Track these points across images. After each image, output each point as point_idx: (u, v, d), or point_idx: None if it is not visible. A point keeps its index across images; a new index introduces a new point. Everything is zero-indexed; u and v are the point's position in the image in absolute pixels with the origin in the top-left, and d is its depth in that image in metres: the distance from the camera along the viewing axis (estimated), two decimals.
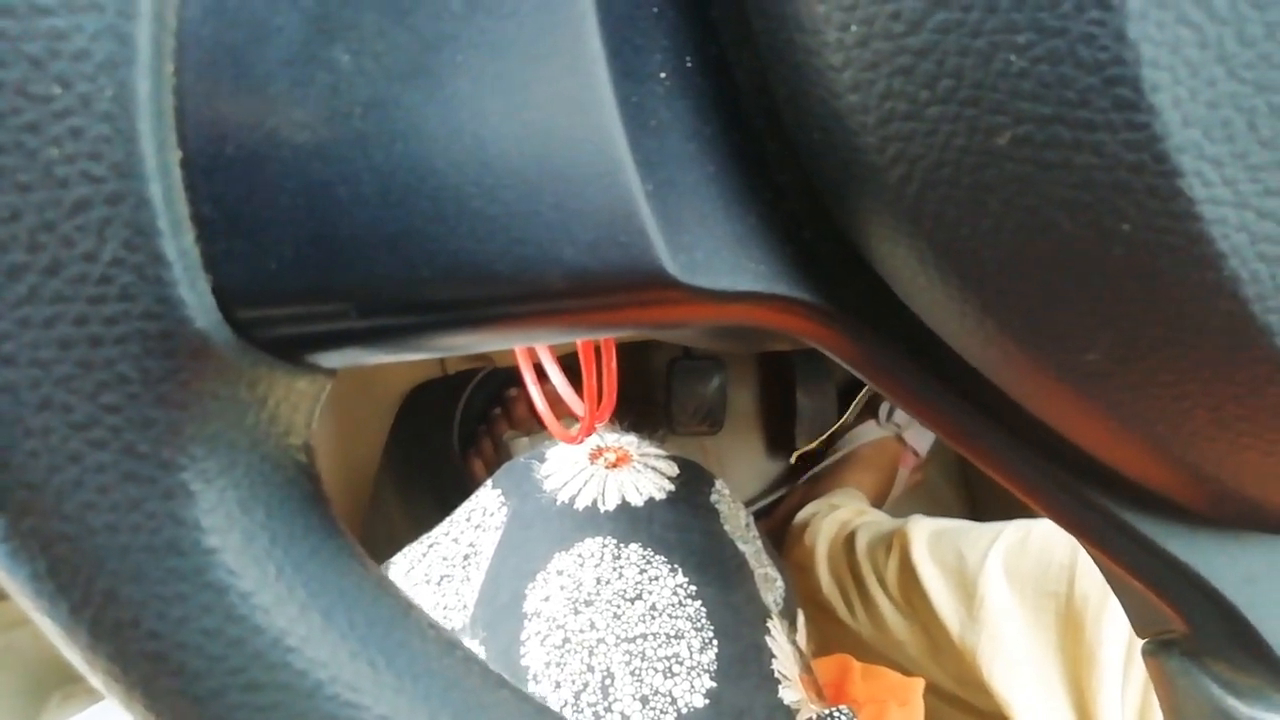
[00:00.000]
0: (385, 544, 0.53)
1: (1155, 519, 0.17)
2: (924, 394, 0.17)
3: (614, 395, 0.38)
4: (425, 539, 0.51)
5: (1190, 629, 0.18)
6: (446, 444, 0.97)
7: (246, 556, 0.14)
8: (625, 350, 0.99)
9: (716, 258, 0.15)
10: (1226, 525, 0.17)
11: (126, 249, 0.13)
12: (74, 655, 0.15)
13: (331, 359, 0.15)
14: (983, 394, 0.16)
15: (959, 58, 0.12)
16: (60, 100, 0.12)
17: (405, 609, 0.16)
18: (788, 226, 0.15)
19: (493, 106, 0.13)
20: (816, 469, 1.04)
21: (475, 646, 0.43)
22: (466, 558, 0.48)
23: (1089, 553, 0.18)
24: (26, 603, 0.14)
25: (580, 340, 0.37)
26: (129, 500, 0.14)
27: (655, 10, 0.14)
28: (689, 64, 0.15)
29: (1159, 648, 0.19)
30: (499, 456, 0.92)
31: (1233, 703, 0.17)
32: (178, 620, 0.14)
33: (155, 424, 0.14)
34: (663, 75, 0.14)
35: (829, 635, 0.80)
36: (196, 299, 0.13)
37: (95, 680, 0.15)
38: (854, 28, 0.12)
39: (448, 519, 0.51)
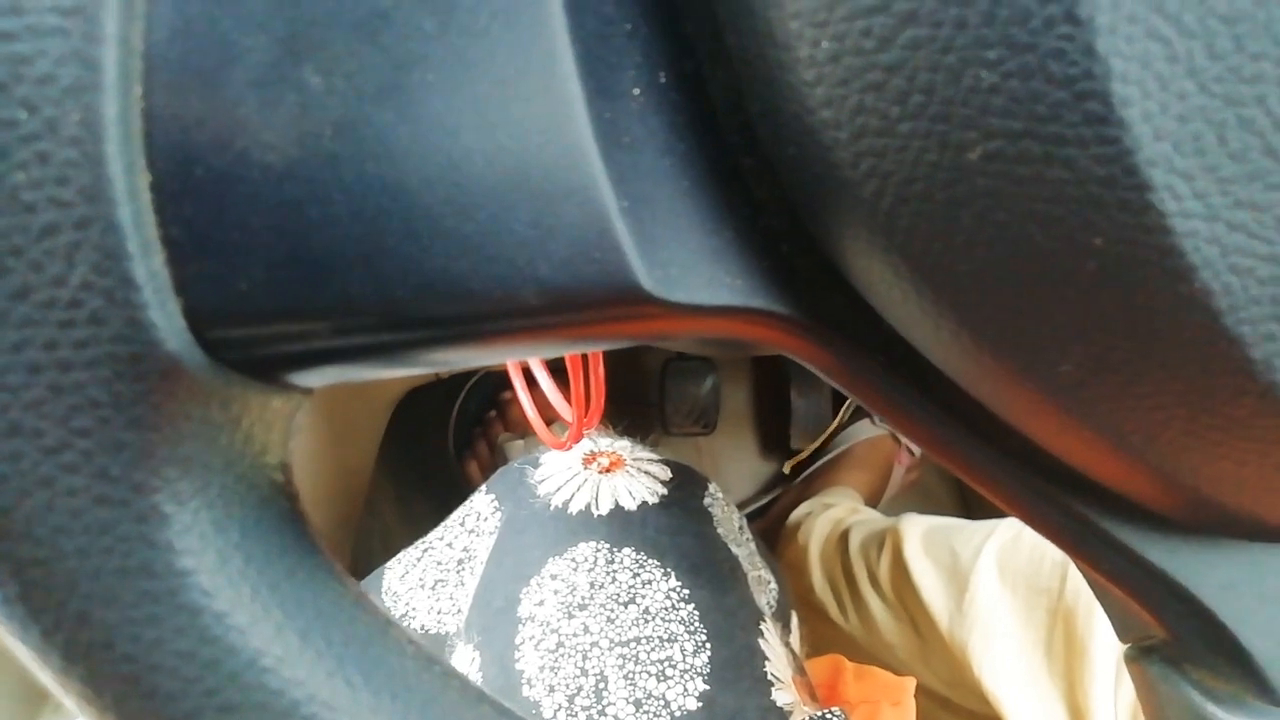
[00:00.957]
0: (381, 548, 0.54)
1: (1134, 527, 0.17)
2: (903, 405, 0.17)
3: (602, 401, 0.38)
4: (420, 544, 0.51)
5: (1170, 635, 0.18)
6: (442, 448, 0.96)
7: (221, 577, 0.14)
8: (618, 352, 0.99)
9: (692, 272, 0.15)
10: (1204, 533, 0.17)
11: (96, 273, 0.13)
12: (47, 678, 0.15)
13: (307, 378, 0.15)
14: (961, 405, 0.16)
15: (930, 74, 0.12)
16: (26, 125, 0.12)
17: (383, 626, 0.16)
18: (765, 241, 0.15)
19: (465, 125, 0.13)
20: (811, 469, 1.04)
21: (470, 651, 0.43)
22: (461, 562, 0.48)
23: (1070, 558, 0.19)
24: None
25: (576, 353, 0.37)
26: (101, 524, 0.14)
27: (628, 27, 0.14)
28: (663, 80, 0.15)
29: (1140, 653, 0.19)
30: (494, 460, 0.92)
31: (1212, 709, 0.17)
32: (151, 643, 0.14)
33: (127, 447, 0.14)
34: (636, 91, 0.14)
35: (822, 636, 0.79)
36: (167, 321, 0.13)
37: (69, 702, 0.15)
38: (825, 44, 0.13)
39: (442, 524, 0.51)
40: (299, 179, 0.13)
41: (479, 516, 0.48)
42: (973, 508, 1.07)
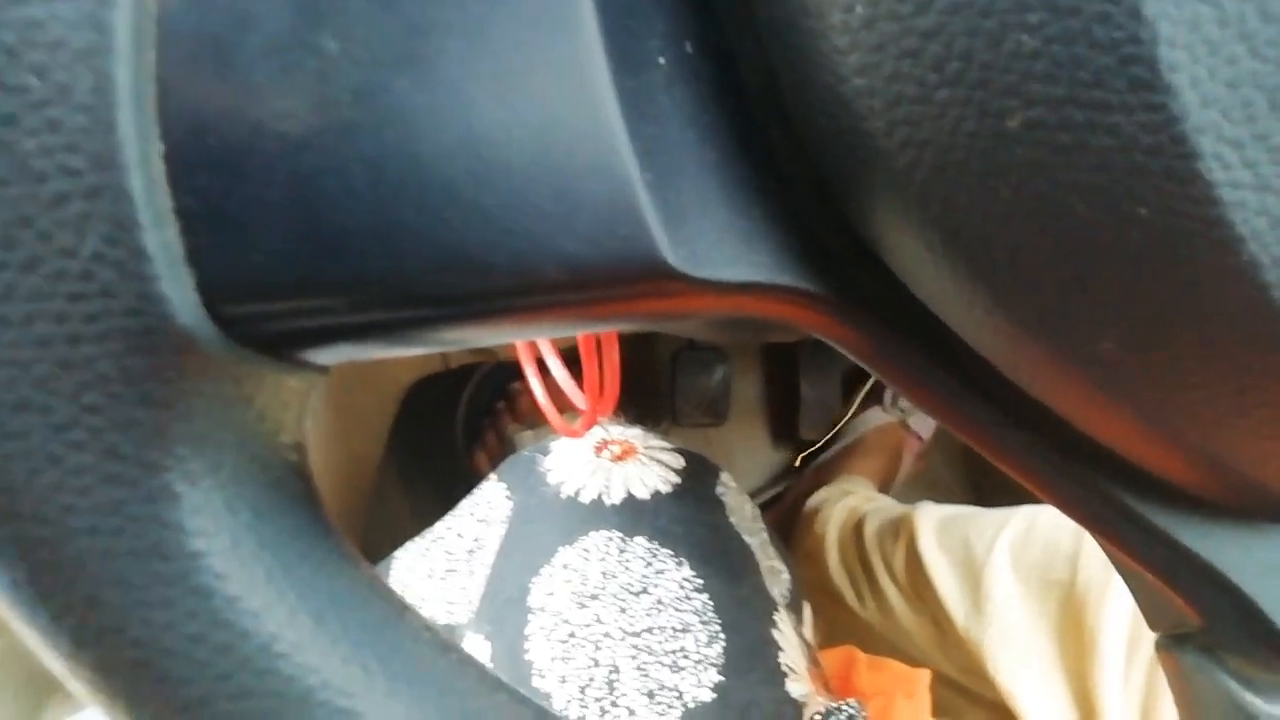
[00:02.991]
0: (389, 539, 0.53)
1: (1168, 510, 0.16)
2: (933, 386, 0.17)
3: (616, 388, 0.38)
4: (429, 533, 0.51)
5: (1205, 623, 0.17)
6: (451, 438, 0.96)
7: (233, 559, 0.14)
8: (628, 342, 0.98)
9: (719, 249, 0.14)
10: (1242, 516, 0.16)
11: (106, 244, 0.12)
12: (55, 663, 0.14)
13: (322, 355, 0.15)
14: (993, 385, 0.16)
15: (968, 39, 0.12)
16: (36, 91, 0.12)
17: (399, 611, 0.16)
18: (794, 216, 0.15)
19: (485, 94, 0.13)
20: (822, 457, 1.04)
21: (480, 641, 0.43)
22: (471, 552, 0.47)
23: (1100, 544, 0.18)
24: (6, 610, 0.14)
25: (580, 333, 0.37)
26: (111, 503, 0.13)
27: None
28: (689, 50, 0.14)
29: (1173, 642, 0.19)
30: (503, 450, 0.91)
31: (1250, 698, 0.17)
32: (162, 626, 0.14)
33: (138, 424, 0.13)
34: (661, 61, 0.14)
35: (839, 624, 0.79)
36: (180, 294, 0.13)
37: (77, 688, 0.15)
38: (859, 9, 0.12)
39: (451, 513, 0.51)
40: (315, 149, 0.13)
41: (489, 505, 0.48)
42: (984, 494, 1.06)
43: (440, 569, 0.48)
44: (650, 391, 1.01)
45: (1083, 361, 0.13)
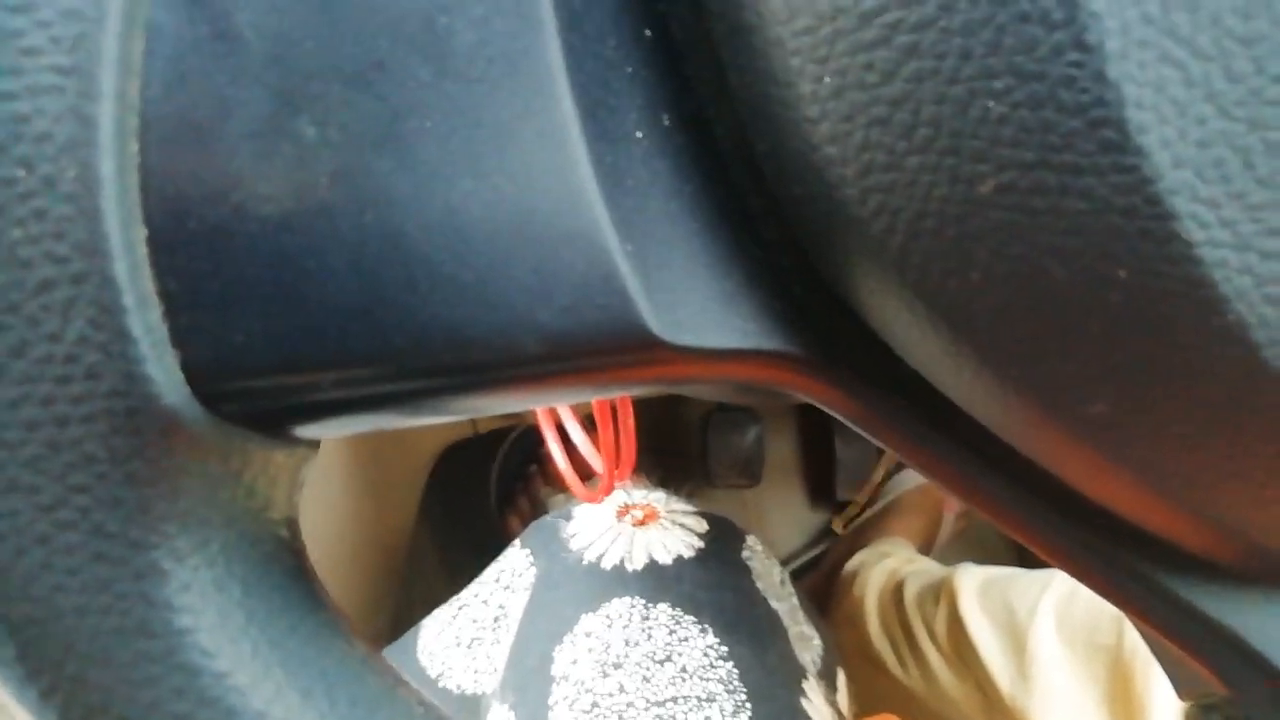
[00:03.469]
0: (423, 606, 0.53)
1: (1185, 577, 0.16)
2: (928, 450, 0.16)
3: (633, 452, 0.38)
4: (455, 601, 0.50)
5: (1231, 692, 0.17)
6: (484, 503, 0.96)
7: (221, 636, 0.14)
8: (659, 404, 0.98)
9: (702, 315, 0.14)
10: (1260, 582, 0.16)
11: (92, 327, 0.13)
12: None
13: (310, 430, 0.15)
14: (991, 449, 0.15)
15: (935, 106, 0.12)
16: (23, 183, 0.12)
17: (391, 687, 0.16)
18: (776, 281, 0.15)
19: (463, 172, 0.13)
20: (860, 518, 1.02)
21: (505, 711, 0.42)
22: (496, 620, 0.47)
23: (1123, 612, 0.18)
24: None
25: (588, 400, 0.37)
26: (98, 581, 0.13)
27: (629, 70, 0.14)
28: (666, 122, 0.15)
29: (1201, 712, 0.18)
30: (535, 514, 0.91)
31: None
32: (148, 705, 0.14)
33: (124, 503, 0.13)
34: (639, 134, 0.14)
35: (881, 691, 0.77)
36: (164, 375, 0.13)
37: None
38: (828, 79, 0.12)
39: (477, 580, 0.50)
40: (295, 230, 0.13)
41: (514, 572, 0.48)
42: (1027, 554, 1.03)
43: (466, 637, 0.47)
44: (683, 453, 1.00)
45: (1075, 424, 0.13)
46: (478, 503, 0.95)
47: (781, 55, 0.13)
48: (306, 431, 0.15)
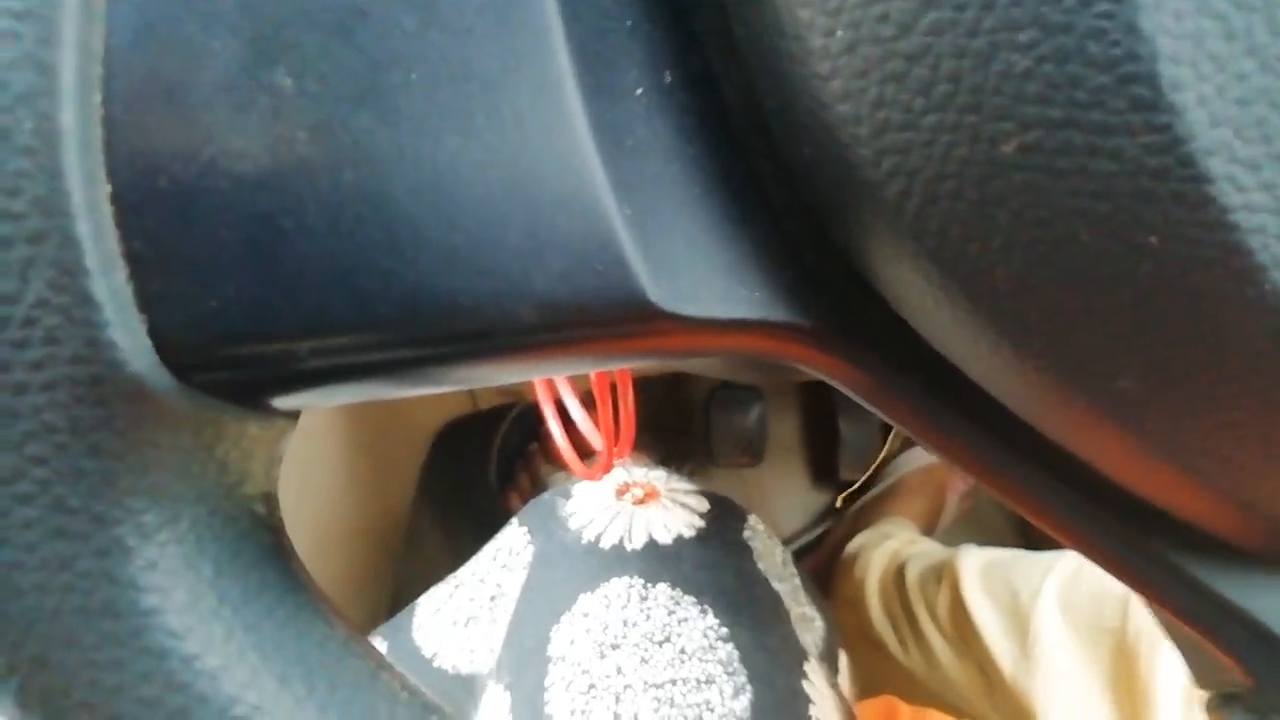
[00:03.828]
0: (422, 584, 0.52)
1: (1208, 561, 0.15)
2: (943, 428, 0.16)
3: (632, 430, 0.37)
4: (451, 579, 0.50)
5: (1254, 682, 0.16)
6: (484, 481, 0.96)
7: (191, 617, 0.13)
8: (661, 382, 0.98)
9: (706, 284, 0.14)
10: None
11: (52, 289, 0.12)
12: None
13: (287, 402, 0.15)
14: (1009, 427, 0.15)
15: (955, 60, 0.11)
16: None
17: (373, 670, 0.15)
18: (786, 249, 0.15)
19: (451, 128, 0.13)
20: (863, 499, 1.02)
21: (500, 691, 0.42)
22: (493, 599, 0.46)
23: (1136, 594, 0.17)
24: None
25: (593, 373, 0.37)
26: (59, 559, 0.13)
27: (629, 23, 0.14)
28: (668, 79, 0.14)
29: (1222, 702, 0.18)
30: (536, 492, 0.90)
31: None
32: (113, 689, 0.13)
33: (87, 476, 0.13)
34: (639, 92, 0.14)
35: (882, 672, 0.77)
36: (130, 341, 0.12)
37: None
38: (840, 32, 0.12)
39: (474, 558, 0.50)
40: (271, 188, 0.13)
41: (511, 550, 0.47)
42: (1032, 537, 1.03)
43: (462, 616, 0.47)
44: (685, 431, 1.00)
45: (1099, 400, 0.13)
46: (478, 480, 0.95)
47: (790, 7, 0.12)
48: (284, 403, 0.15)
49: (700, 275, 0.14)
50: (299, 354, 0.13)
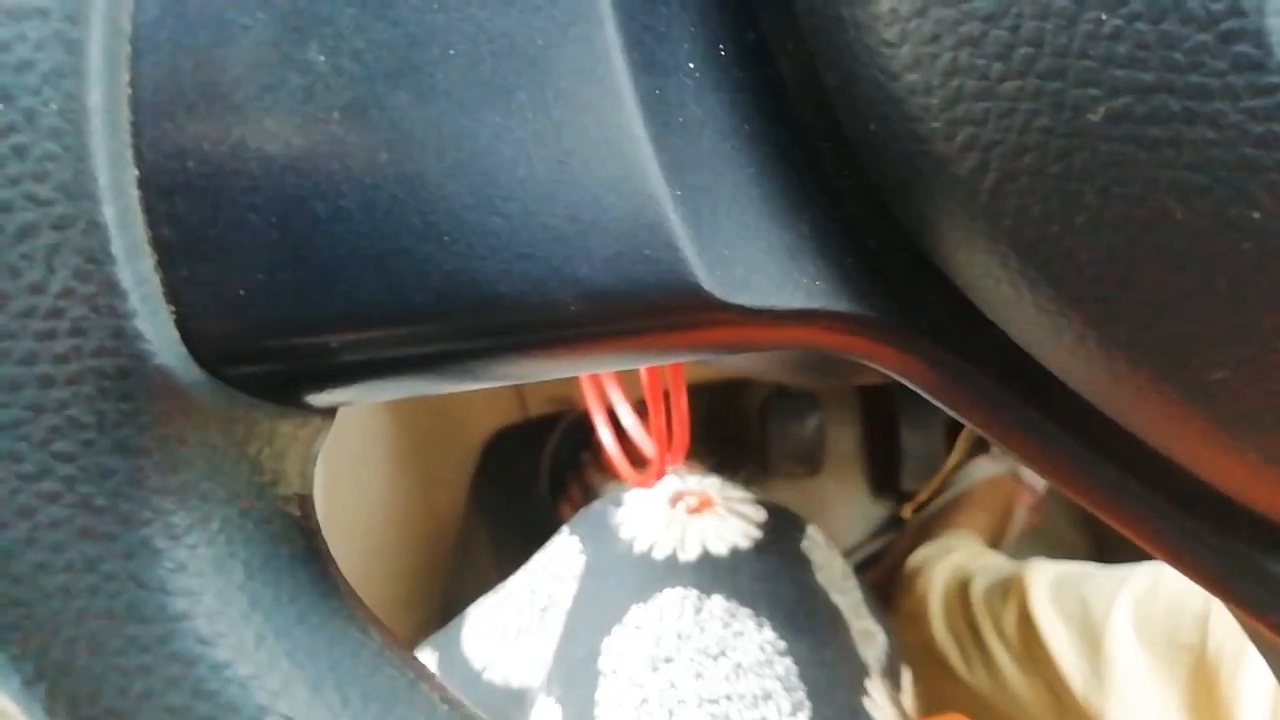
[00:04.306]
0: (473, 594, 0.52)
1: None
2: (1019, 428, 0.15)
3: (686, 435, 0.36)
4: (501, 589, 0.49)
5: None
6: (535, 491, 0.96)
7: (221, 622, 0.13)
8: (716, 389, 0.97)
9: (762, 272, 0.13)
10: None
11: (77, 278, 0.12)
12: None
13: (322, 398, 0.14)
14: (1091, 425, 0.14)
15: (1038, 21, 0.10)
16: (2, 116, 0.11)
17: (411, 681, 0.15)
18: (848, 235, 0.14)
19: (491, 106, 0.12)
20: (927, 510, 1.00)
21: (551, 705, 0.41)
22: (544, 609, 0.46)
23: (1228, 608, 0.16)
24: None
25: (644, 376, 0.36)
26: (85, 560, 0.12)
27: None
28: (723, 53, 0.13)
29: None
30: (588, 502, 0.90)
31: None
32: (140, 696, 0.13)
33: (114, 474, 0.12)
34: (691, 66, 0.13)
35: (945, 691, 0.76)
36: (157, 332, 0.12)
37: None
38: None
39: (524, 568, 0.49)
40: (303, 171, 0.12)
41: (562, 560, 0.47)
42: (1105, 550, 1.00)
43: (512, 627, 0.46)
44: (741, 441, 0.99)
45: (1191, 394, 0.12)
46: (529, 490, 0.95)
47: None
48: (319, 400, 0.14)
49: (756, 262, 0.13)
50: (332, 346, 0.13)
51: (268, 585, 0.14)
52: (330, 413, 0.15)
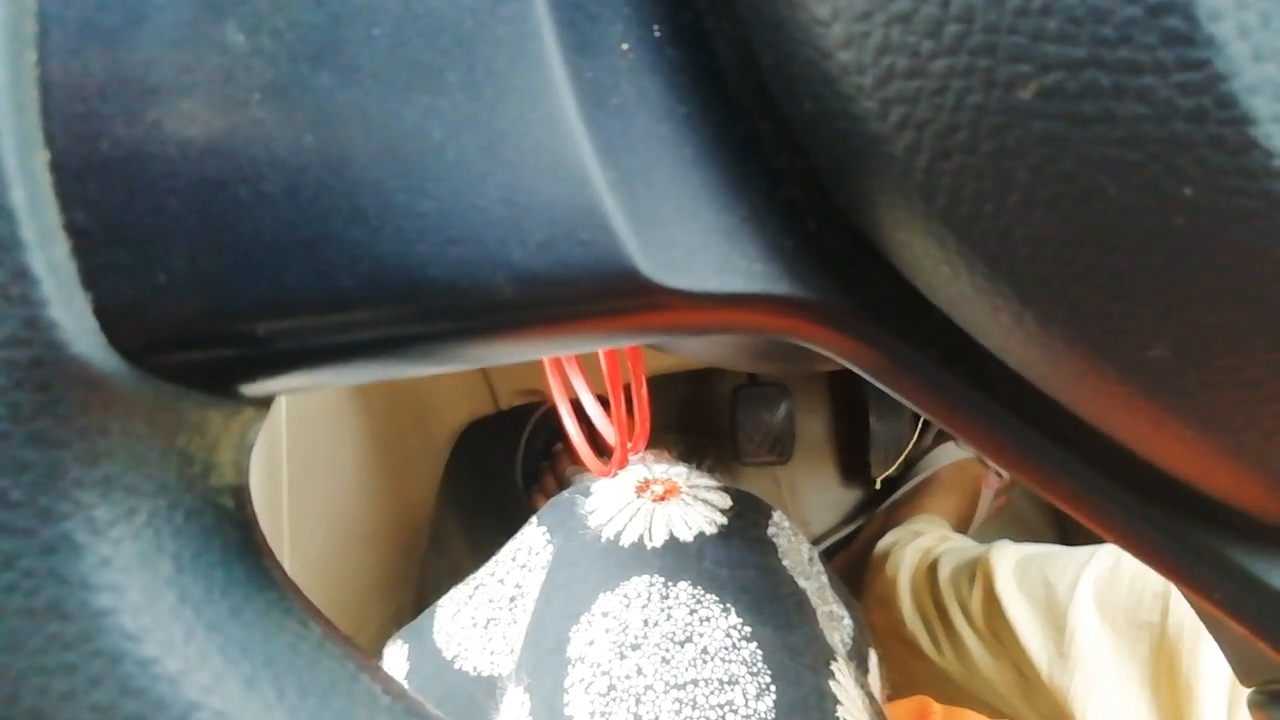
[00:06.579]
0: (446, 587, 0.52)
1: (1252, 547, 0.14)
2: (964, 409, 0.15)
3: (647, 424, 0.36)
4: (471, 580, 0.49)
5: None
6: (509, 482, 0.96)
7: (148, 617, 0.13)
8: (687, 378, 0.97)
9: (700, 255, 0.13)
10: None
11: None
12: None
13: (253, 387, 0.14)
14: (1033, 406, 0.14)
15: None
16: None
17: (352, 673, 0.14)
18: (788, 216, 0.14)
19: (418, 87, 0.12)
20: (895, 495, 1.01)
21: (520, 693, 0.41)
22: (513, 599, 0.46)
23: (1176, 586, 0.16)
24: None
25: (604, 365, 0.36)
26: (2, 557, 0.12)
27: None
28: (657, 33, 0.13)
29: (1269, 699, 0.17)
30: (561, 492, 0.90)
31: None
32: (63, 695, 0.12)
33: (30, 467, 0.12)
34: (625, 47, 0.13)
35: (914, 672, 0.76)
36: (73, 320, 0.12)
37: None
38: None
39: (494, 558, 0.49)
40: (223, 153, 0.12)
41: (530, 550, 0.46)
42: (1069, 533, 1.01)
43: (482, 617, 0.46)
44: (711, 430, 0.99)
45: (1131, 372, 0.12)
46: (502, 481, 0.94)
47: None
48: (251, 389, 0.14)
49: (694, 245, 0.13)
50: (260, 334, 0.12)
51: (198, 579, 0.13)
52: (264, 403, 0.15)
